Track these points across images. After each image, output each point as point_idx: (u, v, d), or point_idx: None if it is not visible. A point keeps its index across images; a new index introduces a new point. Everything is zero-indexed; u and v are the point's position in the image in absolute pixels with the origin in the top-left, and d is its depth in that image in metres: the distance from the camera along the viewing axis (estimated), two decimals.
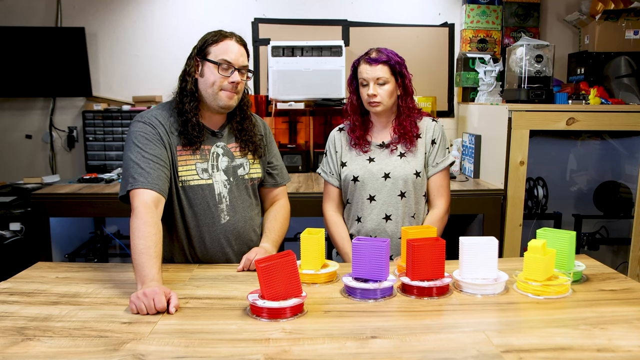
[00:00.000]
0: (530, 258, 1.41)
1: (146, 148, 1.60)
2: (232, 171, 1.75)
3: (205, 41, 1.66)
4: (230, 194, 1.73)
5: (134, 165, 1.58)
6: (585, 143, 3.47)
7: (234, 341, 1.16)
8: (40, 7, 3.42)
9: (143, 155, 1.59)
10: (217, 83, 1.64)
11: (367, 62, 1.84)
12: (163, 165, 1.61)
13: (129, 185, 1.56)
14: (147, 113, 1.69)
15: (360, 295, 1.41)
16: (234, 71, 1.64)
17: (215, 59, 1.63)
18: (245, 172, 1.77)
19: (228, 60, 1.63)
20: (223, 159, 1.73)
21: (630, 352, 1.09)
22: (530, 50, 2.88)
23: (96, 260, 3.22)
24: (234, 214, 1.74)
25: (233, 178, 1.75)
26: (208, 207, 1.70)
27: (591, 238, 3.25)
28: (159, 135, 1.64)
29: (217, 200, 1.71)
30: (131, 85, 3.51)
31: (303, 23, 3.51)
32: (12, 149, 3.53)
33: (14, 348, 1.13)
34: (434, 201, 1.95)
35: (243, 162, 1.77)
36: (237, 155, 1.77)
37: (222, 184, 1.72)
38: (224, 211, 1.73)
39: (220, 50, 1.63)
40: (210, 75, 1.64)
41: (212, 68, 1.63)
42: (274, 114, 3.26)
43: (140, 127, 1.64)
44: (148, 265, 1.41)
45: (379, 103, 1.85)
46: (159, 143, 1.63)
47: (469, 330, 1.20)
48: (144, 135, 1.62)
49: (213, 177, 1.71)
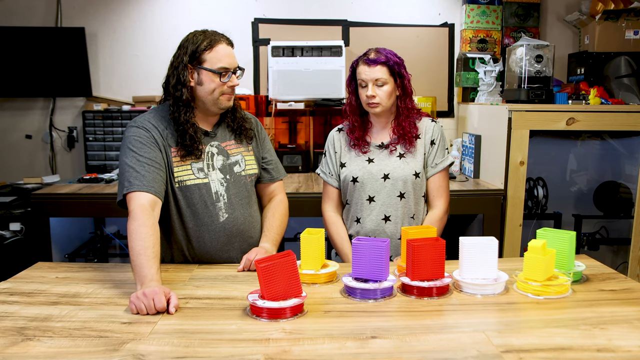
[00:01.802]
0: (530, 258, 1.41)
1: (141, 152, 1.61)
2: (228, 169, 1.76)
3: (197, 47, 1.64)
4: (227, 191, 1.74)
5: (129, 169, 1.59)
6: (585, 143, 3.47)
7: (234, 341, 1.16)
8: (40, 7, 3.42)
9: (138, 158, 1.60)
10: (218, 90, 1.66)
11: (366, 63, 1.84)
12: (158, 167, 1.62)
13: (125, 189, 1.57)
14: (140, 118, 1.70)
15: (360, 296, 1.41)
16: (231, 75, 1.67)
17: (214, 68, 1.64)
18: (242, 169, 1.79)
19: (226, 67, 1.65)
20: (218, 158, 1.75)
21: (630, 352, 1.09)
22: (530, 50, 2.88)
23: (96, 260, 3.22)
24: (233, 211, 1.75)
25: (230, 175, 1.76)
26: (206, 206, 1.71)
27: (591, 238, 3.25)
28: (153, 138, 1.65)
29: (215, 198, 1.72)
30: (131, 85, 3.51)
31: (303, 23, 3.51)
32: (12, 149, 3.54)
33: (14, 348, 1.13)
34: (433, 201, 1.95)
35: (238, 159, 1.79)
36: (232, 153, 1.78)
37: (219, 182, 1.73)
38: (222, 209, 1.73)
39: (216, 57, 1.64)
40: (211, 84, 1.65)
41: (212, 77, 1.65)
42: (274, 114, 3.26)
43: (134, 132, 1.65)
44: (147, 265, 1.42)
45: (378, 104, 1.85)
46: (153, 146, 1.64)
47: (469, 331, 1.20)
48: (138, 139, 1.63)
49: (209, 176, 1.72)
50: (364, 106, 1.90)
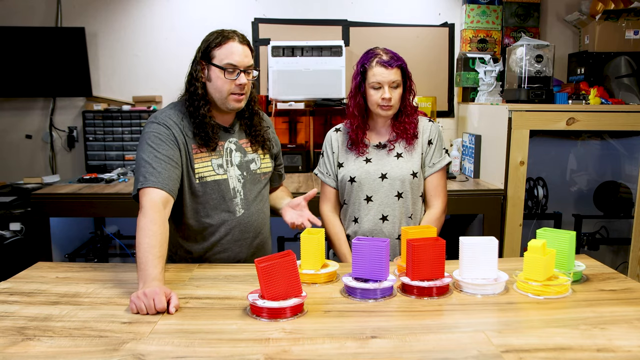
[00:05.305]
0: (530, 258, 1.41)
1: (159, 148, 1.62)
2: (245, 166, 1.78)
3: (209, 44, 1.66)
4: (244, 188, 1.77)
5: (145, 164, 1.60)
6: (585, 143, 3.47)
7: (234, 341, 1.16)
8: (40, 7, 3.42)
9: (155, 155, 1.61)
10: (225, 87, 1.65)
11: (382, 65, 1.81)
12: (174, 166, 1.63)
13: (140, 184, 1.58)
14: (161, 114, 1.70)
15: (360, 295, 1.41)
16: (240, 73, 1.65)
17: (220, 64, 1.64)
18: (257, 167, 1.81)
19: (233, 63, 1.64)
20: (236, 154, 1.77)
21: (630, 352, 1.09)
22: (530, 50, 2.88)
23: (96, 260, 3.22)
24: (248, 207, 1.78)
25: (247, 172, 1.78)
26: (224, 201, 1.74)
27: (591, 238, 3.26)
28: (172, 135, 1.66)
29: (232, 194, 1.75)
30: (131, 85, 3.51)
31: (303, 23, 3.51)
32: (12, 149, 3.54)
33: (14, 348, 1.13)
34: (431, 201, 1.95)
35: (254, 157, 1.81)
36: (249, 151, 1.80)
37: (236, 179, 1.76)
38: (238, 205, 1.76)
39: (224, 54, 1.64)
40: (217, 80, 1.65)
41: (218, 72, 1.64)
42: (274, 114, 3.26)
43: (155, 128, 1.66)
44: (151, 264, 1.42)
45: (392, 106, 1.85)
46: (172, 144, 1.65)
47: (469, 330, 1.20)
48: (158, 135, 1.64)
49: (228, 172, 1.74)
50: (374, 108, 1.86)
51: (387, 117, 1.90)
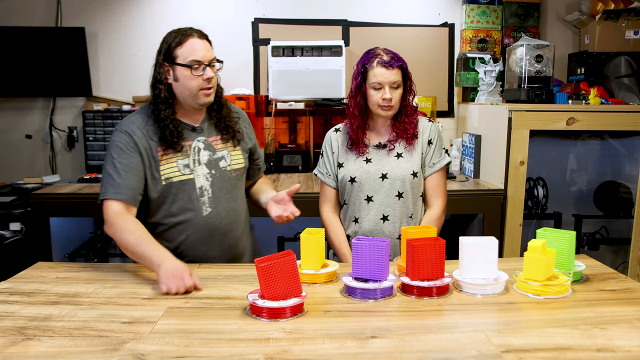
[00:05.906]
0: (530, 258, 1.41)
1: (120, 158, 1.66)
2: (214, 164, 1.78)
3: (169, 45, 1.67)
4: (212, 186, 1.77)
5: (107, 175, 1.66)
6: (585, 143, 3.47)
7: (234, 341, 1.16)
8: (40, 7, 3.42)
9: (115, 165, 1.66)
10: (194, 84, 1.67)
11: (383, 65, 1.81)
12: (135, 174, 1.67)
13: (101, 194, 1.65)
14: (126, 120, 1.74)
15: (360, 295, 1.41)
16: (205, 67, 1.67)
17: (185, 62, 1.65)
18: (227, 164, 1.81)
19: (197, 59, 1.66)
20: (204, 153, 1.77)
21: (630, 352, 1.09)
22: (530, 50, 2.88)
23: (96, 260, 3.22)
24: (216, 206, 1.77)
25: (215, 170, 1.78)
26: (190, 201, 1.74)
27: (591, 238, 3.25)
28: (134, 142, 1.68)
29: (199, 193, 1.75)
30: (131, 85, 3.51)
31: (303, 23, 3.51)
32: (12, 149, 3.53)
33: (14, 348, 1.13)
34: (431, 201, 1.95)
35: (224, 154, 1.81)
36: (219, 148, 1.80)
37: (204, 177, 1.76)
38: (205, 203, 1.76)
39: (187, 52, 1.66)
40: (185, 79, 1.67)
41: (184, 71, 1.66)
42: (274, 114, 3.26)
43: (116, 137, 1.70)
44: (153, 248, 1.50)
45: (392, 107, 1.85)
46: (133, 151, 1.68)
47: (469, 330, 1.20)
48: (119, 144, 1.68)
49: (195, 172, 1.75)
50: (375, 108, 1.86)
51: (388, 117, 1.90)
